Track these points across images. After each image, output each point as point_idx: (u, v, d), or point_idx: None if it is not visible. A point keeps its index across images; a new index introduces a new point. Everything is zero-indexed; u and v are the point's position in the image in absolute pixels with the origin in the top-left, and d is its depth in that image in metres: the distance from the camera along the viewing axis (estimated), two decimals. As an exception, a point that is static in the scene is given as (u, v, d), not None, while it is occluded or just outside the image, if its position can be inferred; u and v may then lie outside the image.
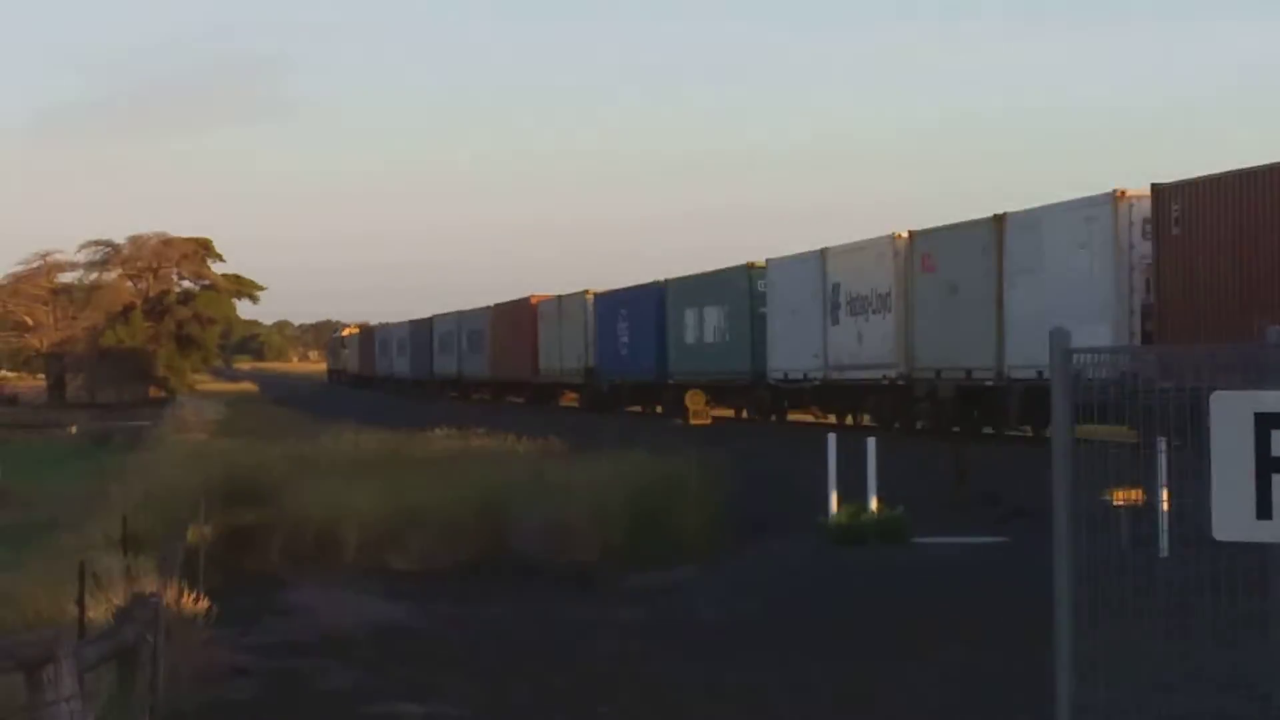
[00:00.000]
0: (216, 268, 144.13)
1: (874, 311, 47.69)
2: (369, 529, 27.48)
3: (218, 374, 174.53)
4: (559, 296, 75.83)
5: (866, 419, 48.71)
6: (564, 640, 19.66)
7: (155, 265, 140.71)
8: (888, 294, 47.18)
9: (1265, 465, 10.26)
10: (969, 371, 43.27)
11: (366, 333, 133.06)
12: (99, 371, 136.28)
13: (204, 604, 20.25)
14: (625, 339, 66.11)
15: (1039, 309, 38.29)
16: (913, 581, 21.59)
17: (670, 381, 61.78)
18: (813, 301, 51.22)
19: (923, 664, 16.59)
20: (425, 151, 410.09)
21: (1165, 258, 35.58)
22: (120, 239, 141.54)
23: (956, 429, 43.58)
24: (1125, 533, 14.36)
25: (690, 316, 60.46)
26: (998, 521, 25.95)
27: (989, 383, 42.24)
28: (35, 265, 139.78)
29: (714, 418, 56.85)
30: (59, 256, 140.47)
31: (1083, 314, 35.47)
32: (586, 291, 72.60)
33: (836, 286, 50.16)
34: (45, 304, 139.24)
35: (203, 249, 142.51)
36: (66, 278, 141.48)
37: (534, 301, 78.62)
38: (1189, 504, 11.33)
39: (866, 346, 48.37)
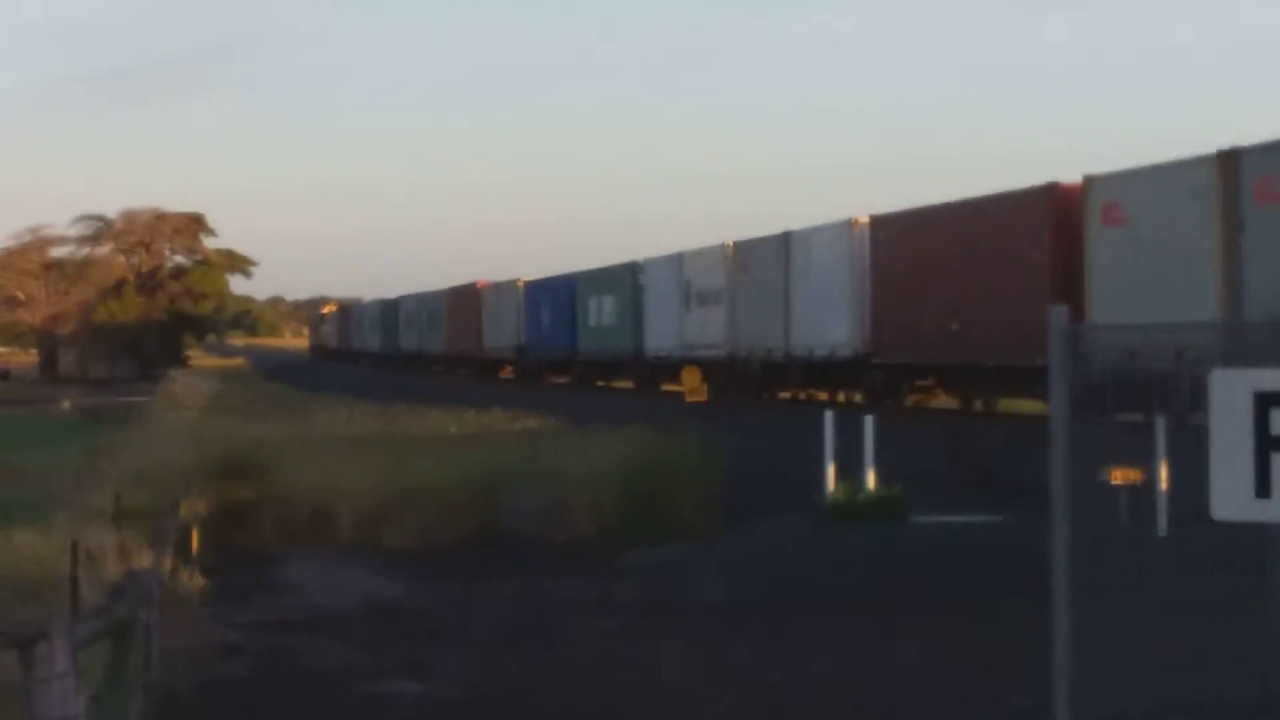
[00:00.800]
0: (209, 243, 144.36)
1: (713, 303, 59.87)
2: (363, 505, 27.43)
3: (210, 349, 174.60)
4: (498, 283, 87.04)
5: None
6: (559, 618, 19.64)
7: (148, 240, 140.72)
8: (720, 290, 59.25)
9: (1264, 444, 10.22)
10: (769, 350, 54.97)
11: (343, 311, 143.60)
12: (91, 347, 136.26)
13: (197, 581, 20.26)
14: (547, 321, 78.24)
15: (810, 304, 51.63)
16: (910, 559, 21.58)
17: (579, 357, 74.51)
18: (674, 294, 63.50)
19: (921, 642, 16.57)
20: (419, 126, 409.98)
21: (877, 270, 48.37)
22: (113, 214, 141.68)
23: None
24: (1123, 511, 14.34)
25: (593, 304, 72.74)
26: (996, 500, 25.94)
27: (779, 359, 54.15)
28: (27, 240, 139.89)
29: (611, 387, 68.31)
30: (51, 231, 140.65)
31: (834, 309, 49.89)
32: (518, 280, 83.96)
33: (688, 283, 62.44)
34: (37, 279, 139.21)
35: (195, 224, 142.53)
36: (59, 252, 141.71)
37: (480, 286, 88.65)
38: (1188, 483, 11.29)
39: (707, 330, 60.32)
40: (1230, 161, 33.27)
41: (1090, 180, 37.54)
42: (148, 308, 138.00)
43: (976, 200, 43.51)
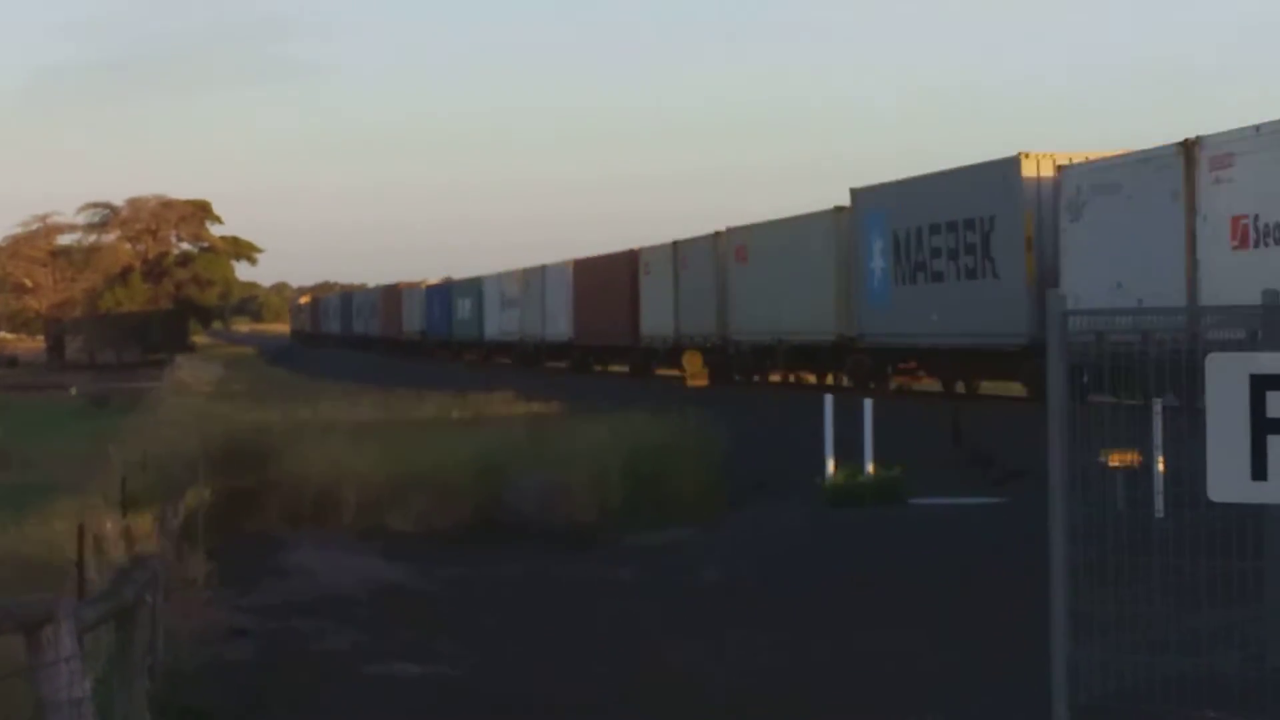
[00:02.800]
0: (215, 230, 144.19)
1: (511, 306, 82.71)
2: (368, 490, 27.52)
3: (216, 335, 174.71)
4: (410, 286, 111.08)
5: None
6: (561, 601, 19.72)
7: (154, 227, 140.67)
8: (516, 299, 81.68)
9: (1260, 427, 10.28)
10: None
11: (315, 302, 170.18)
12: (98, 333, 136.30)
13: (203, 564, 20.33)
14: (437, 314, 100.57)
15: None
16: (908, 542, 21.63)
17: (452, 339, 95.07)
18: (497, 299, 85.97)
19: (919, 623, 16.63)
20: (424, 111, 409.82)
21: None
22: (119, 201, 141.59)
23: (961, 391, 43.57)
24: (1120, 494, 14.41)
25: (459, 303, 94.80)
26: (994, 482, 25.98)
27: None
28: (34, 228, 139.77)
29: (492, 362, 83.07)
30: (58, 219, 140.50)
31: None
32: (423, 283, 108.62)
33: (501, 293, 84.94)
34: (44, 266, 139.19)
35: (201, 211, 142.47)
36: (65, 240, 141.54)
37: (400, 287, 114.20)
38: (1184, 465, 11.37)
39: (505, 325, 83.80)
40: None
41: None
42: (154, 294, 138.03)
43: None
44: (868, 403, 25.98)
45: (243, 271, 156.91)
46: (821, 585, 19.45)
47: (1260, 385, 10.35)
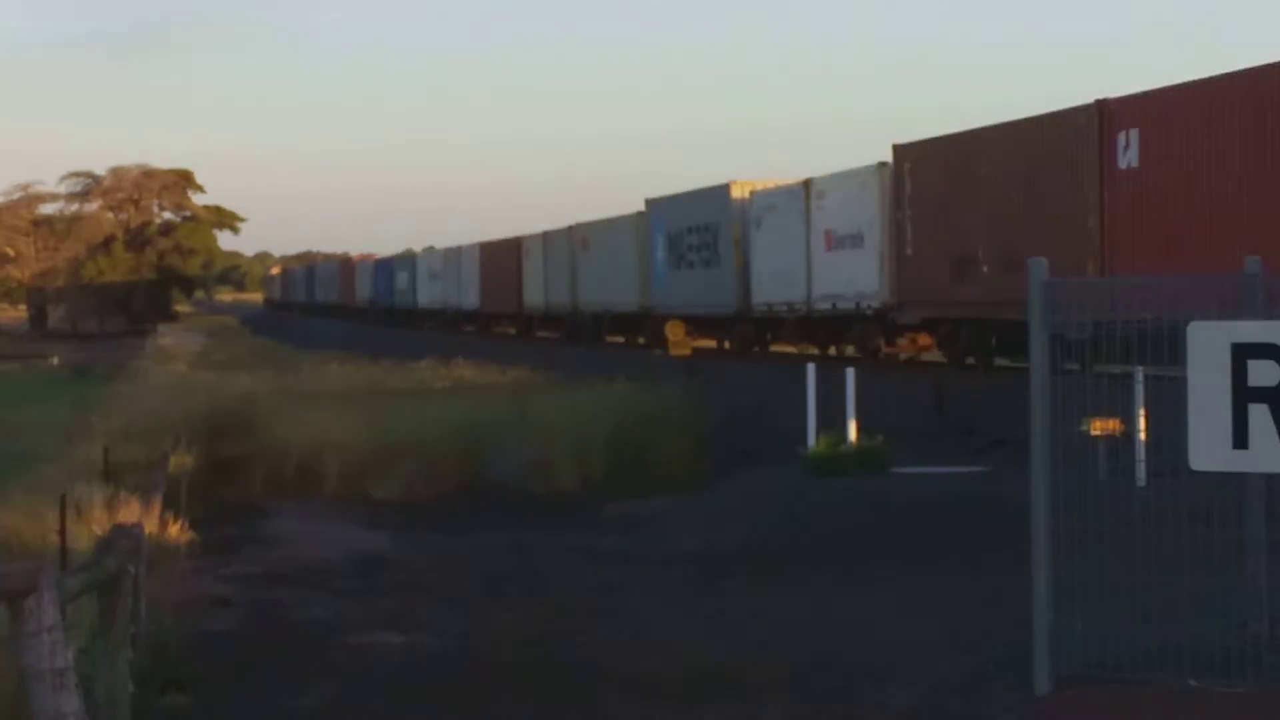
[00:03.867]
0: (197, 199, 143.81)
1: (438, 279, 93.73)
2: (350, 460, 27.52)
3: (199, 305, 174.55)
4: (361, 259, 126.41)
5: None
6: (544, 570, 19.75)
7: (136, 196, 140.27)
8: (439, 271, 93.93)
9: (1242, 395, 10.31)
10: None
11: (284, 273, 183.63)
12: (80, 302, 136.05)
13: (186, 534, 20.32)
14: (382, 285, 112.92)
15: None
16: (891, 511, 21.65)
17: (394, 307, 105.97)
18: (427, 273, 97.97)
19: (900, 591, 16.68)
20: (407, 78, 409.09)
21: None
22: (101, 170, 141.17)
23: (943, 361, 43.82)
24: (1103, 462, 14.45)
25: (399, 275, 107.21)
26: (977, 451, 26.02)
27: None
28: (16, 197, 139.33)
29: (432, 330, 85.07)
30: (40, 188, 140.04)
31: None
32: (372, 256, 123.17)
33: (429, 267, 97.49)
34: (26, 235, 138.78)
35: (183, 180, 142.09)
36: (47, 209, 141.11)
37: (354, 260, 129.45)
38: (1165, 434, 11.40)
39: (433, 294, 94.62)
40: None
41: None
42: (136, 263, 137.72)
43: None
44: (849, 371, 25.99)
45: (225, 241, 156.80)
46: (801, 553, 19.49)
47: (1242, 354, 10.38)
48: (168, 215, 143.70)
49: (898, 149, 41.57)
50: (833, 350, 45.95)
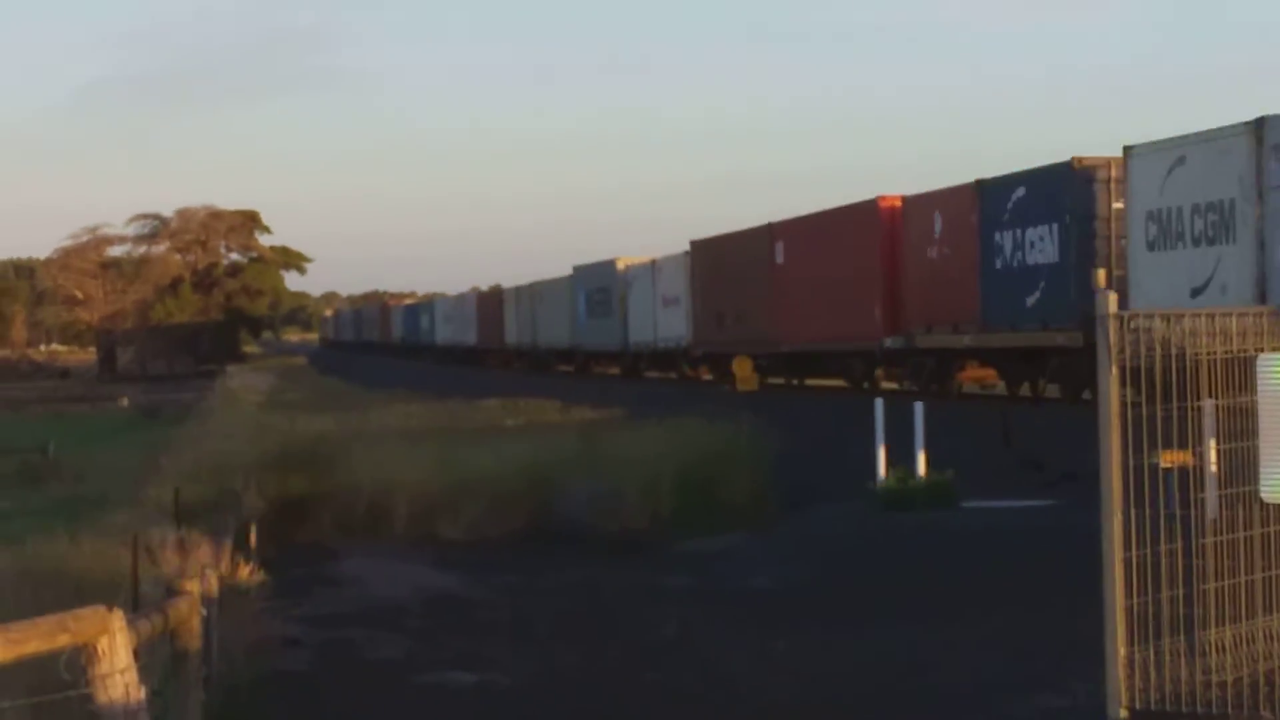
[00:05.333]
0: (264, 239, 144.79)
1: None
2: (420, 499, 27.57)
3: (266, 345, 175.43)
4: (401, 303, 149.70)
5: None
6: (613, 608, 19.73)
7: (203, 238, 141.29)
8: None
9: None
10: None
11: (336, 315, 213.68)
12: (149, 344, 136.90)
13: (256, 575, 20.39)
14: (410, 325, 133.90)
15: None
16: (961, 545, 21.56)
17: (420, 344, 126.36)
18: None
19: (974, 628, 16.57)
20: (471, 120, 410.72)
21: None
22: (168, 212, 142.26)
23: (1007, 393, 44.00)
24: (1174, 495, 14.34)
25: (426, 317, 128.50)
26: (1046, 484, 25.90)
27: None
28: (84, 240, 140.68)
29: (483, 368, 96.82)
30: (108, 231, 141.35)
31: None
32: (408, 298, 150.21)
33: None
34: (95, 278, 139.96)
35: (250, 221, 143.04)
36: (115, 251, 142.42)
37: (389, 304, 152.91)
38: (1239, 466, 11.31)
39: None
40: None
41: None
42: (204, 305, 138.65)
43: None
44: (918, 405, 25.93)
45: (292, 281, 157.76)
46: (873, 591, 19.40)
47: (1313, 384, 10.31)
48: (235, 256, 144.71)
49: (694, 244, 67.83)
50: (674, 374, 71.52)
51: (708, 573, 21.91)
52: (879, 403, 26.56)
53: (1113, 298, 11.13)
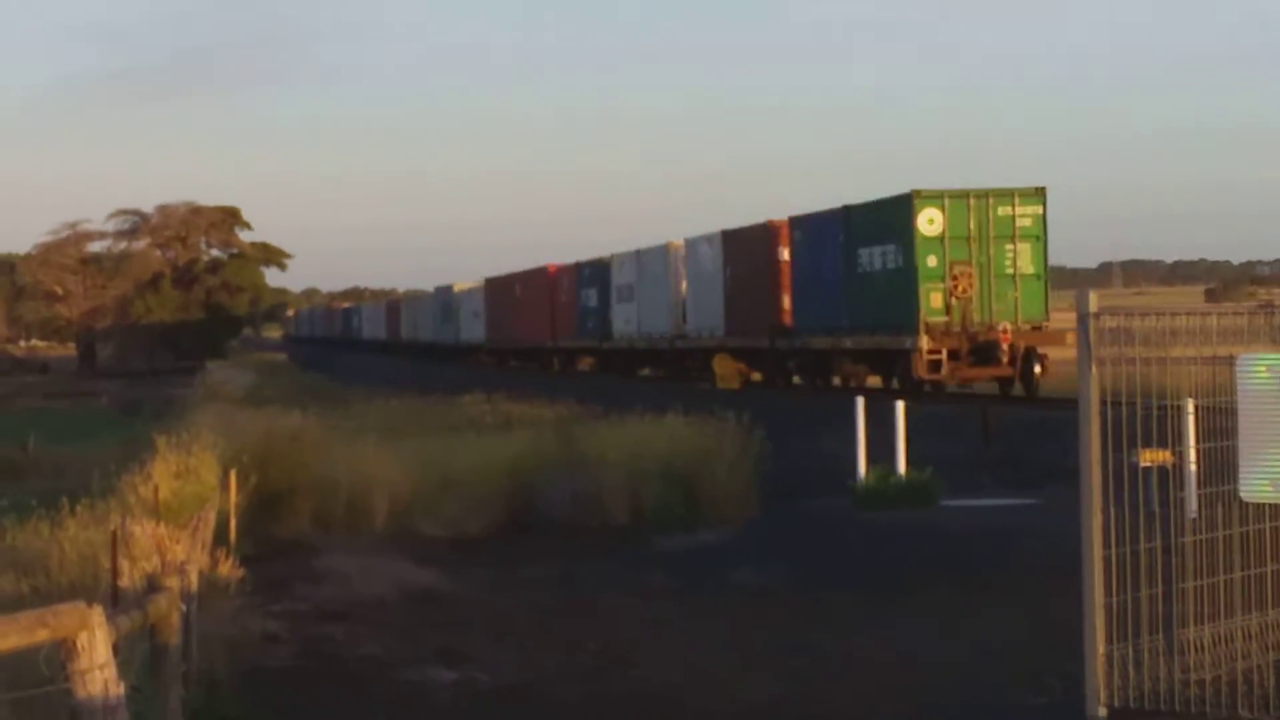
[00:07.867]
0: (244, 236, 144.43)
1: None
2: (399, 495, 27.54)
3: (247, 342, 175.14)
4: (360, 305, 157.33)
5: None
6: (594, 604, 19.73)
7: (183, 234, 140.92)
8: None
9: (1292, 426, 10.26)
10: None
11: (298, 313, 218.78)
12: (129, 340, 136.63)
13: (236, 571, 20.35)
14: (367, 323, 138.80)
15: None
16: (941, 543, 21.59)
17: (401, 342, 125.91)
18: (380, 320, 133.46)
19: (953, 624, 16.61)
20: (453, 114, 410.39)
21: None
22: (148, 208, 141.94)
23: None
24: (1154, 493, 14.36)
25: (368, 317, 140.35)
26: (1026, 483, 25.94)
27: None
28: (64, 235, 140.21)
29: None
30: (88, 226, 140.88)
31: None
32: (336, 303, 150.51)
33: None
34: (75, 274, 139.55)
35: (230, 217, 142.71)
36: (95, 247, 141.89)
37: (334, 305, 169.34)
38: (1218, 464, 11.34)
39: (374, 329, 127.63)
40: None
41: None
42: (184, 301, 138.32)
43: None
44: (899, 404, 25.96)
45: (273, 277, 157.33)
46: (851, 587, 19.44)
47: (1292, 384, 10.32)
48: (215, 252, 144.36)
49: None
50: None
51: (687, 569, 21.91)
52: (859, 401, 26.59)
53: (1094, 296, 11.17)
